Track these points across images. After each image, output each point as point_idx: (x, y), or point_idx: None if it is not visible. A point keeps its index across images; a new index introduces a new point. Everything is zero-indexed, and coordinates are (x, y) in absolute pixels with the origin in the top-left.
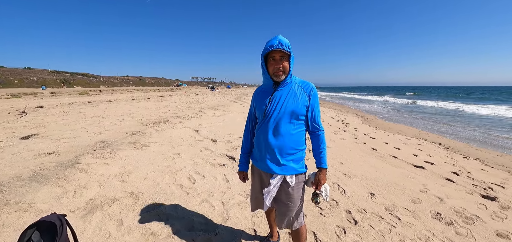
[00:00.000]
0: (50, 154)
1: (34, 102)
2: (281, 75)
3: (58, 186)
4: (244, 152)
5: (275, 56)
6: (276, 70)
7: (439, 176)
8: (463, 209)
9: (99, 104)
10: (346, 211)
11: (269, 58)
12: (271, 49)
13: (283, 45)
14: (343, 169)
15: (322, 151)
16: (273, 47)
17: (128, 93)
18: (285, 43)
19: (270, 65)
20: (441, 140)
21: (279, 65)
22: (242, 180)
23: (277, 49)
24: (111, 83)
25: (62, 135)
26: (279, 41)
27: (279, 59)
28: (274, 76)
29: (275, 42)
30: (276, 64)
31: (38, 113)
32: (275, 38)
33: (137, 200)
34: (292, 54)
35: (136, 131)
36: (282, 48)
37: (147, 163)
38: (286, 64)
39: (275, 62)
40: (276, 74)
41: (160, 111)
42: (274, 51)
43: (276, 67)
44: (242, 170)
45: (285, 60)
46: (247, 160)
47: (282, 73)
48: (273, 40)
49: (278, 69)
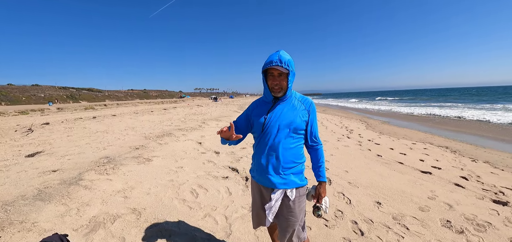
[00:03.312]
0: (55, 172)
1: (41, 119)
2: (279, 92)
3: (61, 204)
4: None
5: (274, 73)
6: (274, 86)
7: (448, 181)
8: (474, 216)
9: (103, 118)
10: (352, 221)
11: (268, 74)
12: (270, 65)
13: (282, 62)
14: (348, 177)
15: (322, 165)
16: (272, 63)
17: (132, 107)
18: (285, 60)
19: (269, 80)
20: (448, 143)
21: (276, 82)
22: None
23: (275, 66)
24: (116, 97)
25: (67, 152)
26: (279, 58)
27: (277, 76)
28: (272, 92)
29: (275, 59)
30: (274, 80)
31: (44, 130)
32: (276, 53)
33: (139, 216)
34: (292, 71)
35: (140, 145)
36: (280, 65)
37: (150, 178)
38: (283, 83)
39: (273, 78)
40: (274, 90)
41: (164, 124)
42: (273, 68)
43: (274, 83)
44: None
45: (283, 78)
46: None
47: (280, 90)
48: (274, 56)
49: (276, 85)
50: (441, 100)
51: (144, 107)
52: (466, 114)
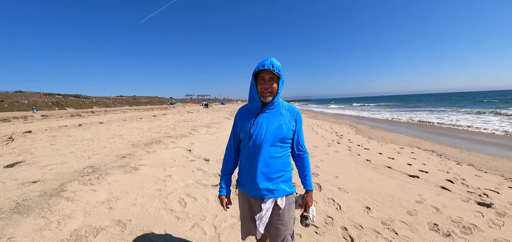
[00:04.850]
0: (35, 183)
1: (24, 127)
2: (268, 96)
3: (41, 217)
4: (225, 173)
5: (265, 76)
6: (264, 90)
7: (434, 184)
8: (460, 219)
9: (90, 126)
10: (342, 228)
11: (259, 77)
12: (262, 68)
13: (274, 67)
14: (338, 183)
15: (308, 173)
16: (264, 66)
17: (121, 114)
18: (276, 65)
19: (259, 84)
20: (434, 147)
21: (267, 86)
22: (224, 206)
23: (268, 69)
24: (104, 104)
25: (49, 162)
26: (271, 62)
27: (268, 79)
28: (262, 97)
29: (267, 63)
30: (264, 84)
31: (25, 139)
32: (268, 59)
33: (124, 229)
34: (282, 77)
35: (127, 154)
36: (272, 69)
37: (137, 188)
38: (274, 86)
39: (264, 82)
40: (263, 94)
41: (152, 131)
42: (264, 71)
43: (265, 87)
44: (223, 195)
45: (274, 82)
46: (229, 182)
47: (270, 95)
48: (265, 61)
49: (266, 90)
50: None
51: (133, 114)
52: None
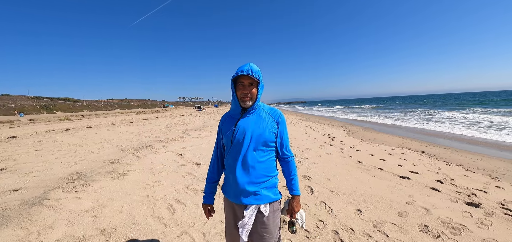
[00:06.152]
0: (16, 191)
1: (8, 132)
2: (248, 101)
3: (20, 228)
4: (209, 181)
5: (244, 82)
6: (244, 96)
7: (424, 185)
8: (450, 219)
9: (78, 130)
10: (333, 231)
11: (238, 83)
12: (241, 73)
13: (253, 72)
14: (330, 185)
15: (294, 177)
16: (243, 72)
17: (112, 117)
18: (255, 71)
19: (239, 90)
20: (424, 148)
21: (247, 91)
22: (207, 215)
23: (246, 75)
24: (95, 107)
25: (33, 168)
26: (249, 68)
27: (248, 85)
28: (241, 102)
29: (245, 68)
30: (244, 90)
31: (9, 144)
32: (246, 64)
33: (109, 238)
34: (261, 82)
35: (115, 159)
36: (251, 74)
37: (124, 194)
38: (254, 91)
39: (243, 88)
40: (243, 99)
41: (143, 135)
42: (243, 77)
43: (244, 92)
44: (207, 203)
45: (254, 87)
46: (213, 190)
47: (249, 100)
48: (244, 66)
49: (246, 95)
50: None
51: (124, 117)
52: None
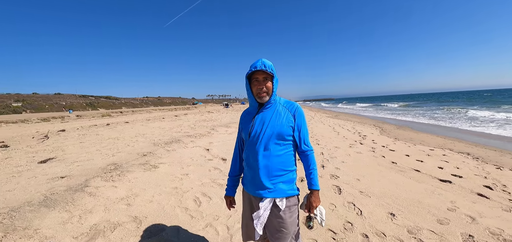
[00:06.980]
0: (63, 178)
1: (60, 126)
2: (265, 96)
3: (65, 211)
4: (231, 175)
5: (259, 77)
6: (259, 91)
7: (470, 191)
8: (501, 230)
9: (116, 125)
10: (362, 235)
11: (252, 79)
12: (255, 69)
13: (266, 66)
14: (359, 186)
15: (312, 171)
16: (256, 68)
17: (146, 114)
18: (268, 65)
19: (254, 86)
20: (469, 149)
21: (262, 86)
22: (229, 206)
23: (260, 70)
24: (132, 104)
25: (77, 158)
26: (262, 63)
27: (262, 80)
28: (258, 97)
29: (259, 64)
30: (259, 85)
31: (59, 137)
32: (259, 60)
33: (140, 225)
34: (276, 76)
35: (148, 152)
36: (265, 69)
37: (154, 185)
38: (269, 85)
39: (258, 83)
40: (259, 95)
41: (173, 131)
42: (257, 72)
43: (259, 87)
44: (228, 195)
45: (268, 81)
46: (235, 184)
47: (266, 94)
48: (257, 62)
49: (261, 90)
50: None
51: (157, 114)
52: None
